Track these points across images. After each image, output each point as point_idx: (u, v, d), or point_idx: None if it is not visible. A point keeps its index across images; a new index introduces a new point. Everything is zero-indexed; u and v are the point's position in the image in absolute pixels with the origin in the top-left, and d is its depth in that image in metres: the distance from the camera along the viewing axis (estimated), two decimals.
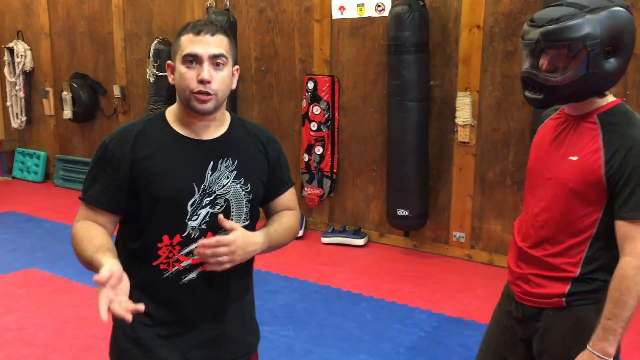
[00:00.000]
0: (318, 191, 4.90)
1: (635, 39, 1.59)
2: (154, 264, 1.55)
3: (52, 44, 6.56)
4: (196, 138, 1.58)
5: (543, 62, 1.58)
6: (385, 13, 4.40)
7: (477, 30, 4.10)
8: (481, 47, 4.11)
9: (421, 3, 4.12)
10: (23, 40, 6.71)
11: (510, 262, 1.82)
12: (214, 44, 1.51)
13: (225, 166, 1.58)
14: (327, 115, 4.78)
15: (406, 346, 3.16)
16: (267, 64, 5.11)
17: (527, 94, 1.65)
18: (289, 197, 1.76)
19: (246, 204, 1.61)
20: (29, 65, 6.67)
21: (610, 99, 1.64)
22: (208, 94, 1.51)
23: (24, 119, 6.78)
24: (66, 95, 6.19)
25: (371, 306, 3.63)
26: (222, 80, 1.53)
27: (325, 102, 4.76)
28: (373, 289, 3.87)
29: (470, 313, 3.52)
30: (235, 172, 1.59)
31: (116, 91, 6.03)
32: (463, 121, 4.19)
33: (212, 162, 1.57)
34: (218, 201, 1.56)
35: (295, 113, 5.03)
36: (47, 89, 6.62)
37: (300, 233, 4.85)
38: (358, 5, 4.58)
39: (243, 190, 1.60)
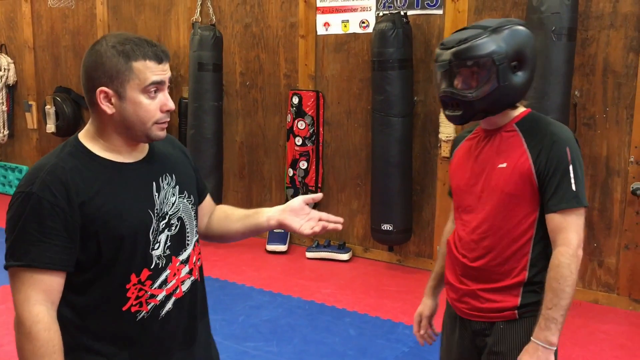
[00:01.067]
0: None
1: (536, 52, 1.72)
2: (124, 309, 1.40)
3: (35, 58, 6.52)
4: (129, 162, 1.44)
5: (457, 81, 1.70)
6: (370, 29, 4.44)
7: None
8: None
9: (405, 20, 4.16)
10: (6, 53, 6.67)
11: (452, 279, 1.84)
12: (169, 69, 1.43)
13: (167, 183, 1.48)
14: (311, 130, 4.80)
15: None
16: (252, 79, 5.13)
17: (447, 112, 1.74)
18: (210, 198, 1.73)
19: (194, 216, 1.56)
20: (12, 79, 6.63)
21: (521, 109, 1.76)
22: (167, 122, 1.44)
23: (6, 132, 6.72)
24: (49, 109, 6.15)
25: (355, 321, 3.62)
26: None
27: (310, 117, 4.78)
28: (357, 304, 3.87)
29: None
30: (178, 186, 1.51)
31: None
32: (446, 136, 4.23)
33: (154, 183, 1.45)
34: (172, 221, 1.47)
35: (280, 128, 5.04)
36: (30, 102, 6.58)
37: (285, 248, 4.84)
38: (342, 21, 4.62)
39: (190, 203, 1.54)
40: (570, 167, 1.62)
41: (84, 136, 1.44)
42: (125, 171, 1.43)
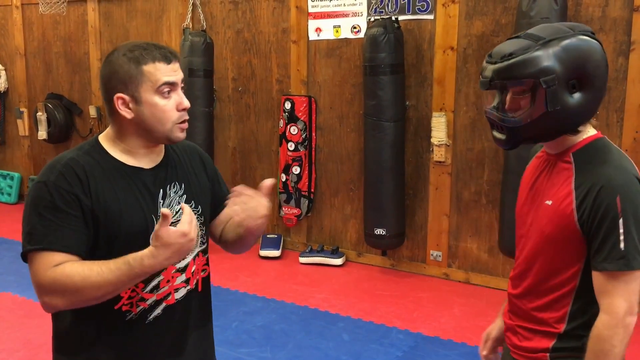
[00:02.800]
0: (295, 211, 4.90)
1: (604, 67, 1.45)
2: (115, 307, 1.44)
3: (27, 65, 6.50)
4: (141, 167, 1.49)
5: (507, 99, 1.47)
6: (361, 35, 4.46)
7: (450, 52, 4.17)
8: (455, 68, 4.18)
9: (396, 25, 4.18)
10: None
11: (505, 312, 1.70)
12: (180, 69, 1.48)
13: (174, 192, 1.52)
14: (304, 135, 4.80)
15: None
16: (245, 85, 5.13)
17: (494, 133, 1.54)
18: None
19: (200, 227, 1.56)
20: (3, 86, 6.59)
21: (587, 134, 1.49)
22: (187, 120, 1.49)
23: None
24: (41, 115, 6.12)
25: (348, 326, 3.62)
26: None
27: (303, 122, 4.79)
28: (350, 308, 3.87)
29: (447, 332, 3.53)
30: (185, 196, 1.53)
31: (92, 111, 5.99)
32: (438, 141, 4.24)
33: (161, 190, 1.49)
34: None
35: (273, 133, 5.05)
36: (21, 109, 6.55)
37: (278, 253, 4.84)
38: (334, 26, 4.64)
39: (196, 214, 1.54)
40: (620, 221, 1.36)
41: (104, 138, 1.51)
42: (135, 175, 1.48)
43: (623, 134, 3.67)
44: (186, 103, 1.46)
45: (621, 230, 1.36)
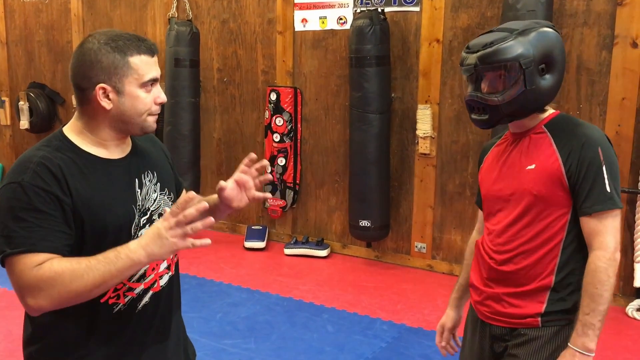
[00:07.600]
0: (281, 202, 4.90)
1: (564, 55, 1.71)
2: (102, 301, 1.42)
3: (8, 53, 6.41)
4: (113, 158, 1.47)
5: (484, 85, 1.67)
6: (347, 26, 4.45)
7: (436, 44, 4.18)
8: (441, 61, 4.18)
9: (382, 17, 4.18)
10: None
11: (477, 281, 1.81)
12: (157, 62, 1.50)
13: (149, 180, 1.52)
14: (289, 126, 4.79)
15: (367, 357, 3.17)
16: (230, 75, 5.10)
17: (474, 116, 1.73)
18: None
19: None
20: None
21: (551, 111, 1.73)
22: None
23: None
24: (23, 105, 6.05)
25: (333, 317, 3.63)
26: None
27: (288, 114, 4.77)
28: (335, 300, 3.88)
29: (430, 323, 3.56)
30: (159, 184, 1.55)
31: (75, 101, 5.92)
32: (423, 133, 4.25)
33: (137, 180, 1.49)
34: (153, 217, 1.50)
35: (258, 124, 5.03)
36: (3, 98, 6.46)
37: (263, 244, 4.84)
38: (320, 18, 4.62)
39: (170, 200, 1.57)
40: (604, 168, 1.58)
41: (70, 131, 1.46)
42: (110, 167, 1.46)
43: (605, 127, 3.71)
44: (163, 98, 1.47)
45: (605, 175, 1.59)
